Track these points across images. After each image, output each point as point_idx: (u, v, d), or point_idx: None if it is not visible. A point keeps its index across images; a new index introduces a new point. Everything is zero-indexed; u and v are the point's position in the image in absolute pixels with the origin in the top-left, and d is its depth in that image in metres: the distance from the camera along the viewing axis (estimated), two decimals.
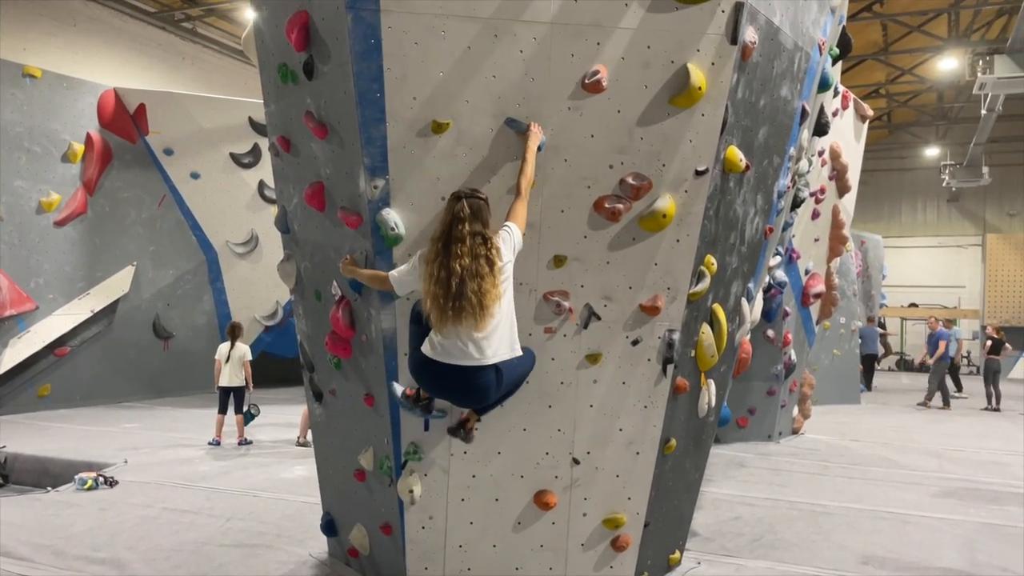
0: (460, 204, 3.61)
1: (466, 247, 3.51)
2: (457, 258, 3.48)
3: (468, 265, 3.48)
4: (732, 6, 3.95)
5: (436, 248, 3.58)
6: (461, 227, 3.55)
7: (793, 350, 10.27)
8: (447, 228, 3.58)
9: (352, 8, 3.79)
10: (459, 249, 3.50)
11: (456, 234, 3.53)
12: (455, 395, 3.80)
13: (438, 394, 3.87)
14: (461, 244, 3.51)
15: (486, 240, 3.58)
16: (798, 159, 5.73)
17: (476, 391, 3.70)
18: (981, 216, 27.96)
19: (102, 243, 12.24)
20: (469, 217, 3.58)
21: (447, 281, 3.47)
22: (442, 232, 3.59)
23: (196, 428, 10.10)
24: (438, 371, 3.64)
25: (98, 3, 15.46)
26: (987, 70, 14.14)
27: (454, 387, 3.70)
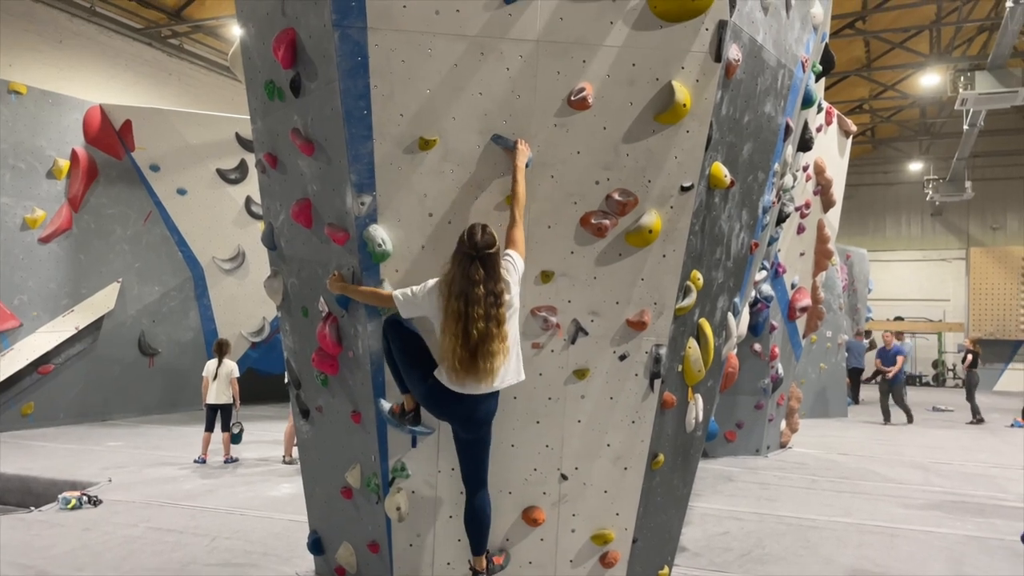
0: (474, 267, 3.61)
1: (481, 310, 3.60)
2: (473, 322, 3.58)
3: (482, 330, 3.60)
4: (716, 24, 3.99)
5: (458, 307, 3.61)
6: (477, 290, 3.61)
7: (780, 364, 10.31)
8: (463, 290, 3.61)
9: (339, 26, 3.81)
10: (475, 312, 3.59)
11: (472, 296, 3.59)
12: (462, 421, 3.88)
13: (445, 418, 3.93)
14: (477, 306, 3.59)
15: (498, 298, 3.65)
16: (783, 174, 5.79)
17: (483, 417, 3.87)
18: (965, 230, 28.23)
19: (87, 260, 12.16)
20: (483, 279, 3.63)
21: (465, 345, 3.60)
22: (460, 292, 3.61)
23: (181, 446, 10.02)
24: (451, 398, 3.77)
25: (84, 19, 15.44)
26: (968, 86, 14.33)
27: (464, 414, 3.83)
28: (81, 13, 15.31)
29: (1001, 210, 27.77)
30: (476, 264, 3.62)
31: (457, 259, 3.67)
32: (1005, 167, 27.16)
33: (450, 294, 3.63)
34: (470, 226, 3.72)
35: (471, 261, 3.63)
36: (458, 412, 3.83)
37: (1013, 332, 26.19)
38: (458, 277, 3.63)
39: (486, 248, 3.65)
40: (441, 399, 3.80)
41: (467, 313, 3.58)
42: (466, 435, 3.95)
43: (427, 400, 3.88)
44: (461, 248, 3.67)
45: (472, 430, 3.92)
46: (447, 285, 3.67)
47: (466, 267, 3.62)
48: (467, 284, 3.61)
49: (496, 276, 3.67)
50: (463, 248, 3.66)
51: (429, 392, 3.83)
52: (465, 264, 3.63)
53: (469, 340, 3.58)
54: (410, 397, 4.03)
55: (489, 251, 3.66)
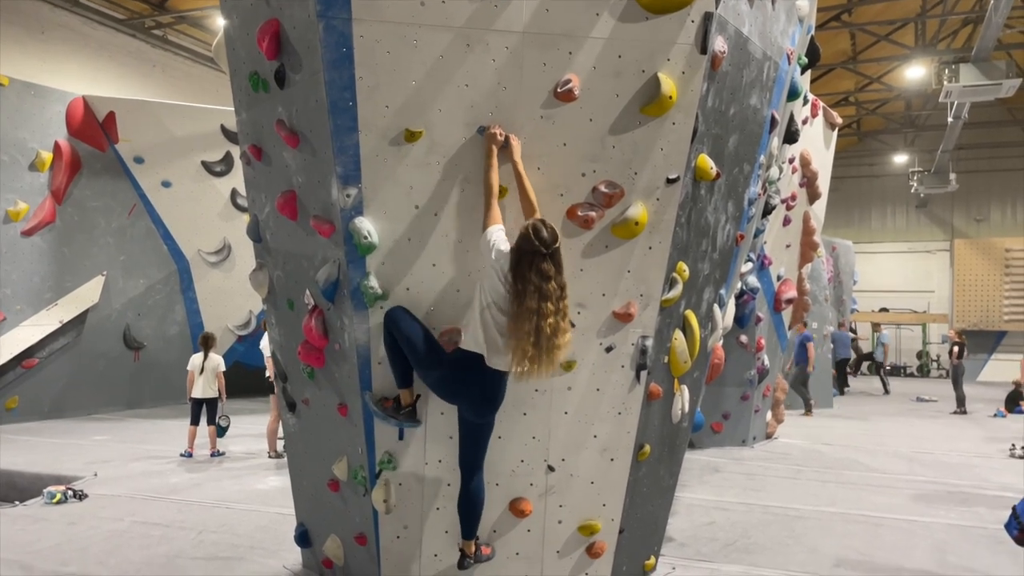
0: (547, 264, 3.61)
1: (553, 306, 3.62)
2: (545, 318, 3.58)
3: (554, 325, 3.61)
4: (701, 16, 3.99)
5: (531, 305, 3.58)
6: (549, 286, 3.61)
7: (766, 355, 10.37)
8: (537, 287, 3.59)
9: (323, 17, 3.78)
10: (547, 308, 3.60)
11: (546, 292, 3.60)
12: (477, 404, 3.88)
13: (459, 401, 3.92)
14: (549, 303, 3.61)
15: (563, 291, 3.68)
16: (768, 167, 5.80)
17: (498, 397, 3.89)
18: (949, 222, 28.43)
19: (71, 253, 12.05)
20: (555, 275, 3.65)
21: (535, 336, 3.58)
22: (535, 289, 3.59)
23: (167, 440, 9.97)
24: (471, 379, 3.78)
25: (67, 10, 15.26)
26: (953, 79, 14.40)
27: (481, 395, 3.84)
28: (63, 4, 15.13)
29: (985, 202, 27.98)
30: (548, 261, 3.63)
31: (526, 259, 3.62)
32: (989, 159, 27.36)
33: (524, 292, 3.60)
34: (532, 224, 3.67)
35: (543, 259, 3.62)
36: (475, 394, 3.84)
37: (996, 323, 26.42)
38: (530, 274, 3.61)
39: (554, 243, 3.66)
40: (460, 382, 3.82)
41: (540, 310, 3.58)
42: (476, 419, 3.94)
43: (443, 384, 3.88)
44: (529, 246, 3.63)
45: (484, 412, 3.92)
46: (517, 281, 3.63)
47: (538, 264, 3.61)
48: (541, 281, 3.60)
49: (561, 270, 3.70)
50: (531, 246, 3.62)
51: (445, 377, 3.84)
52: (537, 261, 3.61)
53: (541, 337, 3.58)
54: (408, 392, 4.02)
55: (557, 246, 3.67)
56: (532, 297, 3.59)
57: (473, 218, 4.01)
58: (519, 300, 3.61)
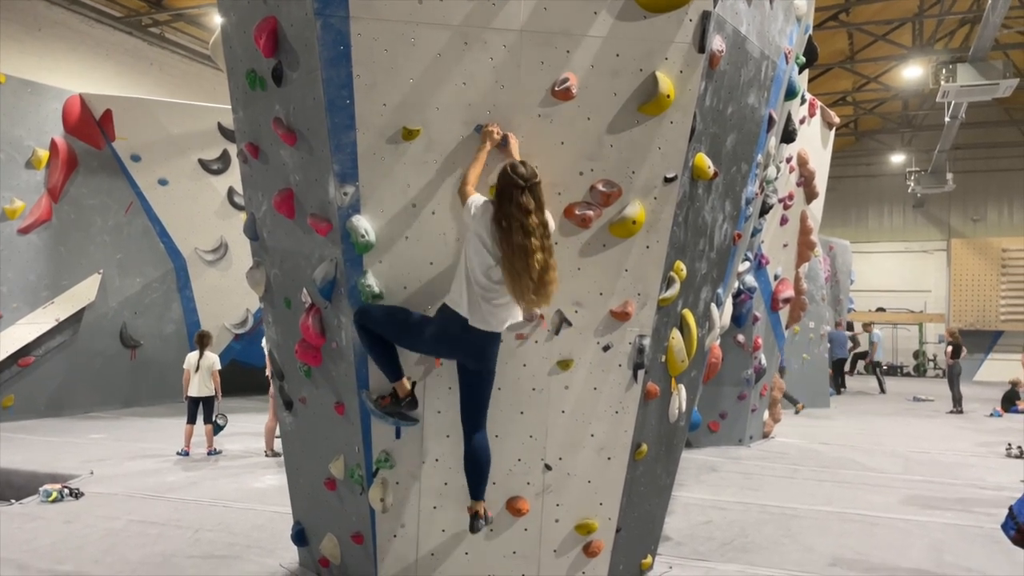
0: (526, 197, 3.65)
1: (538, 241, 3.65)
2: (532, 253, 3.61)
3: (542, 261, 3.64)
4: (699, 15, 3.99)
5: (520, 241, 3.62)
6: (530, 220, 3.64)
7: (763, 354, 10.38)
8: (520, 223, 3.63)
9: (321, 15, 3.77)
10: (531, 243, 3.63)
11: (528, 227, 3.63)
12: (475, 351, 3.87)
13: (456, 354, 3.94)
14: (533, 237, 3.63)
15: (546, 229, 3.73)
16: (766, 166, 5.80)
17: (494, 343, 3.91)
18: (946, 221, 28.46)
19: (67, 251, 12.02)
20: (536, 210, 3.68)
21: (529, 272, 3.62)
22: (519, 225, 3.63)
23: (164, 438, 9.95)
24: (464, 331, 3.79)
25: (64, 8, 15.22)
26: (950, 78, 14.41)
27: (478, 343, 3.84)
28: (60, 1, 15.09)
29: (982, 202, 28.02)
30: (527, 194, 3.66)
31: (505, 194, 3.67)
32: (986, 159, 27.40)
33: (510, 228, 3.63)
34: (510, 163, 3.73)
35: (522, 192, 3.65)
36: (470, 343, 3.83)
37: (993, 323, 26.47)
38: (511, 209, 3.64)
39: (533, 178, 3.69)
40: (449, 341, 3.83)
41: (527, 246, 3.62)
42: (476, 366, 3.92)
43: (435, 344, 3.90)
44: (508, 182, 3.67)
45: (483, 359, 3.91)
46: (501, 220, 3.66)
47: (517, 198, 3.64)
48: (523, 215, 3.63)
49: (542, 206, 3.73)
50: (511, 181, 3.66)
51: (435, 336, 3.85)
52: (516, 195, 3.65)
53: (534, 273, 3.62)
54: (402, 383, 4.01)
55: (536, 181, 3.70)
56: (517, 233, 3.62)
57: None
58: (507, 239, 3.64)
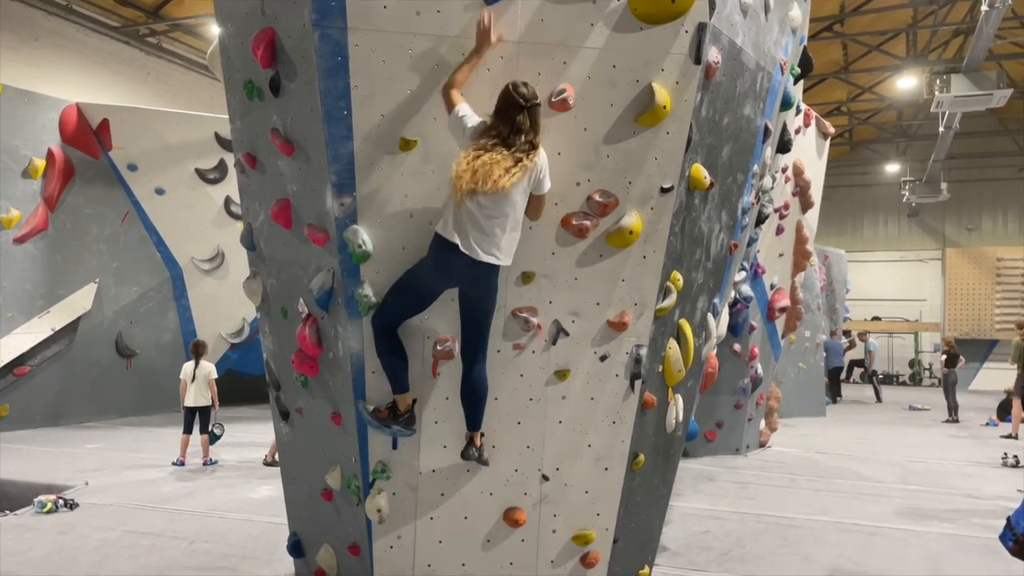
0: (523, 117, 3.67)
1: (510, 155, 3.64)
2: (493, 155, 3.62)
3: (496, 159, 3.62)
4: (695, 26, 4.01)
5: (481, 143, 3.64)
6: (517, 138, 3.66)
7: (759, 364, 10.39)
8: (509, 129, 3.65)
9: (319, 26, 3.79)
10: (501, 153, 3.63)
11: (510, 141, 3.65)
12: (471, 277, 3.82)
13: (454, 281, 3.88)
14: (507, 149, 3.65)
15: (533, 148, 3.73)
16: (762, 176, 5.82)
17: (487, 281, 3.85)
18: (941, 231, 28.58)
19: (63, 260, 12.01)
20: (529, 130, 3.69)
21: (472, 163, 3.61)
22: (496, 134, 3.65)
23: (159, 448, 9.92)
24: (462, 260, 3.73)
25: (62, 18, 15.25)
26: (944, 89, 14.50)
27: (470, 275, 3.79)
28: (58, 11, 15.13)
29: (976, 211, 28.15)
30: (525, 114, 3.67)
31: (503, 113, 3.67)
32: (980, 169, 27.54)
33: (484, 136, 3.66)
34: (511, 82, 3.72)
35: (520, 111, 3.67)
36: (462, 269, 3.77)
37: (988, 332, 26.53)
38: (504, 129, 3.65)
39: (534, 99, 3.70)
40: (444, 262, 3.77)
41: (491, 150, 3.62)
42: (475, 291, 3.89)
43: (433, 274, 3.85)
44: (510, 101, 3.67)
45: (478, 286, 3.86)
46: (501, 125, 3.66)
47: (514, 116, 3.66)
48: (512, 132, 3.65)
49: (538, 130, 3.74)
50: (511, 100, 3.67)
51: (432, 265, 3.82)
52: (513, 114, 3.66)
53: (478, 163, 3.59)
54: (405, 397, 4.00)
55: (536, 103, 3.71)
56: (490, 139, 3.64)
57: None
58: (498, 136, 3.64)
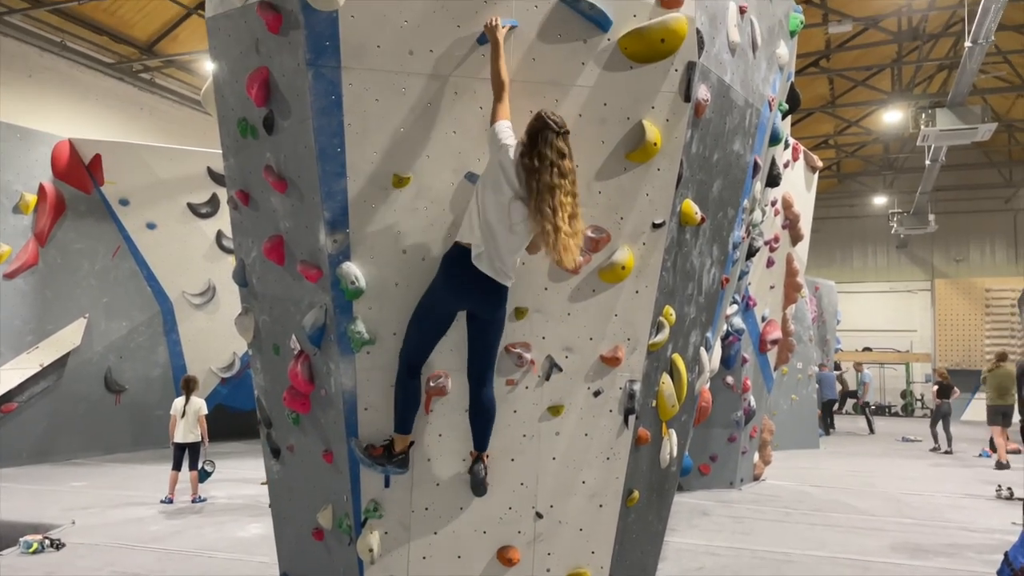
0: (561, 141, 3.63)
1: (570, 184, 3.62)
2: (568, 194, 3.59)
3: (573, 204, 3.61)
4: (685, 65, 4.08)
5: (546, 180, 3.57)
6: (565, 163, 3.62)
7: (752, 396, 10.37)
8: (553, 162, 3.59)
9: (313, 65, 3.83)
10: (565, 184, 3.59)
11: (563, 168, 3.60)
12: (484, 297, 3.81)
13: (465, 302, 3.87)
14: (567, 179, 3.61)
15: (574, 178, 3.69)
16: (752, 210, 5.87)
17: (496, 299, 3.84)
18: (929, 262, 28.79)
19: (53, 295, 11.94)
20: (569, 156, 3.66)
21: (559, 211, 3.56)
22: (551, 164, 3.58)
23: (148, 485, 9.79)
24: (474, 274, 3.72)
25: (56, 54, 15.35)
26: (929, 123, 14.73)
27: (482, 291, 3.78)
28: (52, 48, 15.23)
29: (964, 242, 28.40)
30: (562, 139, 3.64)
31: (541, 138, 3.61)
32: (967, 200, 27.84)
33: (541, 168, 3.57)
34: (541, 111, 3.69)
35: (557, 136, 3.63)
36: (475, 284, 3.74)
37: (978, 362, 26.56)
38: (546, 151, 3.59)
39: (565, 127, 3.68)
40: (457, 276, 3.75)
41: (562, 186, 3.58)
42: (488, 314, 3.87)
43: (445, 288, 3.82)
44: (544, 124, 3.63)
45: (493, 305, 3.85)
46: (533, 158, 3.59)
47: (553, 140, 3.61)
48: (558, 157, 3.60)
49: (571, 157, 3.70)
50: (547, 124, 3.63)
51: (445, 278, 3.80)
52: (552, 138, 3.61)
53: (565, 213, 3.55)
54: (404, 438, 3.97)
55: (567, 131, 3.69)
56: (549, 172, 3.57)
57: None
58: (536, 176, 3.58)
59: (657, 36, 3.97)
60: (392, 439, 3.97)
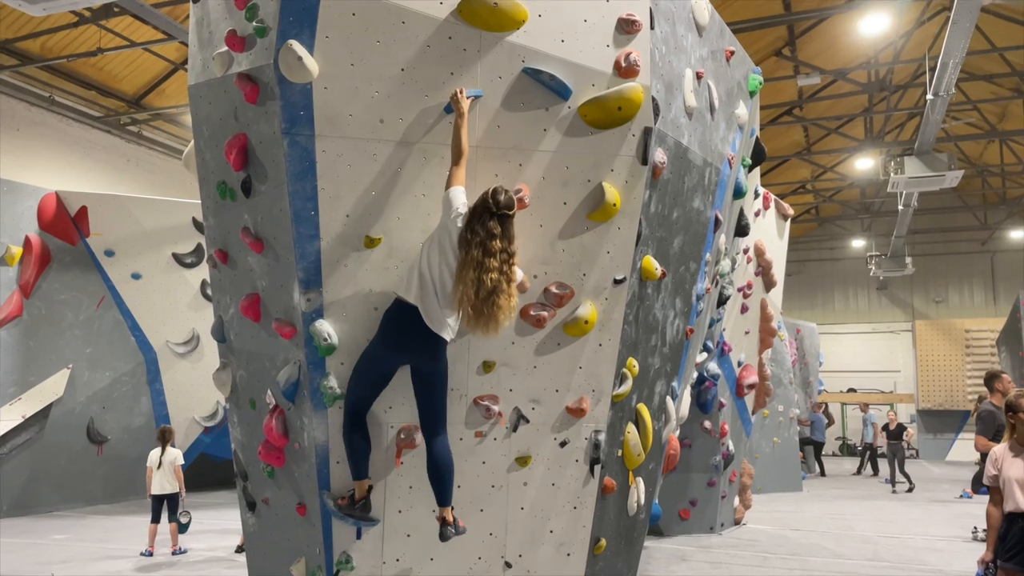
0: (494, 223, 3.84)
1: (496, 263, 3.81)
2: (488, 272, 3.79)
3: (495, 280, 3.81)
4: (641, 130, 4.31)
5: (476, 256, 3.80)
6: (494, 243, 3.82)
7: (731, 440, 10.49)
8: (482, 241, 3.81)
9: (288, 133, 4.03)
10: (490, 263, 3.80)
11: (490, 248, 3.81)
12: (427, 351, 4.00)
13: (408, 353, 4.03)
14: (492, 259, 3.81)
15: (511, 257, 3.89)
16: (717, 262, 6.09)
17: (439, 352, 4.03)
18: (910, 303, 29.18)
19: (37, 346, 11.99)
20: (501, 236, 3.85)
21: (476, 287, 3.79)
22: (480, 243, 3.81)
23: (129, 538, 9.76)
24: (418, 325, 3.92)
25: (44, 109, 15.60)
26: (898, 170, 15.14)
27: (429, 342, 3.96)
28: (41, 103, 15.48)
29: (943, 284, 28.85)
30: (496, 222, 3.84)
31: (477, 215, 3.85)
32: (944, 243, 28.34)
33: (471, 243, 3.80)
34: (493, 188, 3.92)
35: (491, 217, 3.83)
36: (418, 336, 3.92)
37: (961, 402, 26.77)
38: (478, 227, 3.82)
39: (507, 208, 3.88)
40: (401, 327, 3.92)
41: (483, 264, 3.78)
42: (428, 367, 4.03)
43: (387, 338, 4.00)
44: (484, 205, 3.86)
45: (431, 357, 4.01)
46: (467, 232, 3.83)
47: (486, 222, 3.82)
48: (487, 237, 3.81)
49: (511, 237, 3.89)
50: (486, 205, 3.85)
51: (388, 329, 3.97)
52: (486, 219, 3.83)
53: (482, 289, 3.77)
54: (362, 484, 4.10)
55: (509, 212, 3.88)
56: (477, 248, 3.79)
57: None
58: (465, 249, 3.82)
59: (614, 104, 4.21)
60: (354, 488, 4.09)
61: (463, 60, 4.09)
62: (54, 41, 14.69)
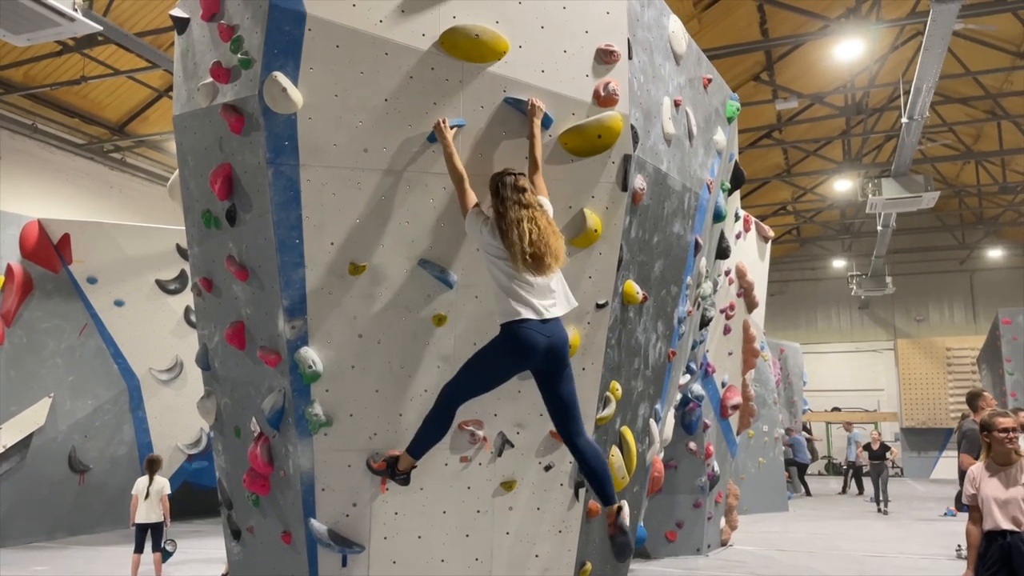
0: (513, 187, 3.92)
1: (535, 212, 3.89)
2: (532, 220, 3.86)
3: (544, 226, 3.88)
4: (621, 158, 4.39)
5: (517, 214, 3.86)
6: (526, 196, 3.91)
7: (716, 461, 10.53)
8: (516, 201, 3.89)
9: (273, 163, 4.08)
10: (531, 212, 3.87)
11: (525, 201, 3.90)
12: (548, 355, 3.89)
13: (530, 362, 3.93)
14: (532, 210, 3.88)
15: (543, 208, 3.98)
16: (698, 285, 6.17)
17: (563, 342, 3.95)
18: (891, 322, 29.46)
19: (17, 376, 11.87)
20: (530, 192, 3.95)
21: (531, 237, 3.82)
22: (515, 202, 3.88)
23: (111, 569, 9.64)
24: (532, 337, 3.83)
25: (27, 136, 15.58)
26: (876, 192, 15.39)
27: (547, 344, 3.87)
28: (23, 131, 15.46)
29: (923, 303, 29.16)
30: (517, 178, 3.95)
31: (496, 190, 3.95)
32: (923, 262, 28.69)
33: (507, 207, 3.87)
34: (503, 171, 4.01)
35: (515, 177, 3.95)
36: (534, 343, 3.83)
37: (944, 420, 27.00)
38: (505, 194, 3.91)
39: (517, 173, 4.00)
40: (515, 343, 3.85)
41: (524, 216, 3.84)
42: (554, 370, 3.96)
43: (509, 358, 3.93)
44: (499, 176, 3.99)
45: (557, 363, 3.94)
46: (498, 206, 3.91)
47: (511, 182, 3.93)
48: (517, 195, 3.90)
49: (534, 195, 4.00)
50: (502, 174, 3.99)
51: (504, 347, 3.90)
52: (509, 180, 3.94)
53: (534, 230, 3.82)
54: (410, 460, 4.03)
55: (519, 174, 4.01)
56: (512, 207, 3.86)
57: (414, 344, 4.24)
58: (504, 217, 3.86)
59: (594, 132, 4.29)
60: (399, 456, 4.06)
61: (446, 90, 4.17)
62: (37, 69, 14.70)
